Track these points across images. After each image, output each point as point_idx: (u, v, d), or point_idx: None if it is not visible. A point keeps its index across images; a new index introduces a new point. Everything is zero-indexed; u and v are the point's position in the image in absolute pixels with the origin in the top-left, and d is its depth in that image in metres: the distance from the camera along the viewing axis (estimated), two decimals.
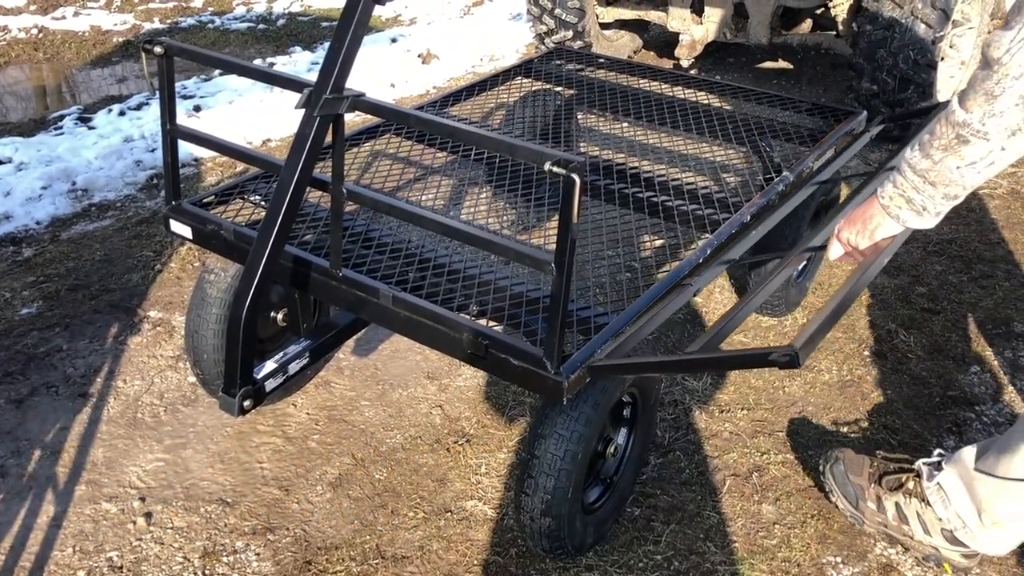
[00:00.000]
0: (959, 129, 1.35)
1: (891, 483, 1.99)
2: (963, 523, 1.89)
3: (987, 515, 1.87)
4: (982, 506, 1.86)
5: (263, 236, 1.70)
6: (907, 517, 1.96)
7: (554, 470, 1.70)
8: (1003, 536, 1.89)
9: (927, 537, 1.94)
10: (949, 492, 1.90)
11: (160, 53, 1.84)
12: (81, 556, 1.97)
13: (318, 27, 6.32)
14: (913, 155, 1.45)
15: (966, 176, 1.41)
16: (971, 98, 1.33)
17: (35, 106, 4.96)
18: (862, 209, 1.60)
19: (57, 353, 2.61)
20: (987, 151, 1.36)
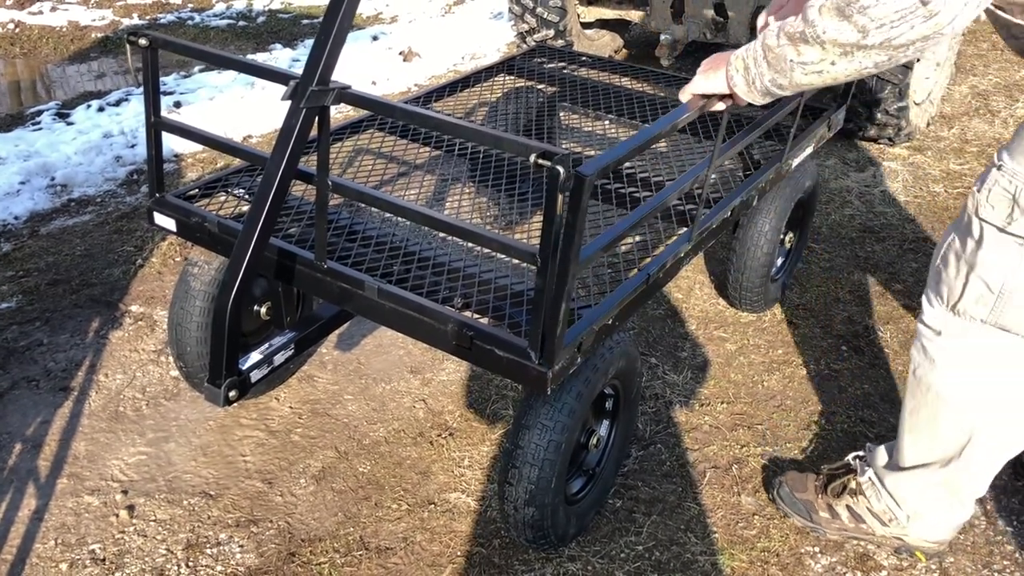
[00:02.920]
0: (806, 27, 1.38)
1: (836, 489, 2.01)
2: (894, 516, 1.94)
3: (904, 509, 1.92)
4: (900, 499, 1.92)
5: (249, 227, 1.70)
6: (861, 516, 1.98)
7: (538, 460, 1.72)
8: (931, 524, 1.93)
9: (887, 529, 1.97)
10: (878, 489, 1.95)
11: (145, 45, 1.84)
12: (63, 548, 1.96)
13: (298, 24, 6.31)
14: (772, 28, 1.48)
15: (795, 71, 1.44)
16: (828, 7, 1.35)
17: (11, 101, 4.92)
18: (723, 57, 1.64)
19: (38, 347, 2.59)
20: (819, 58, 1.39)
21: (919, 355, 1.78)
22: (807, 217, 2.92)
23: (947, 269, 1.65)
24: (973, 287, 1.60)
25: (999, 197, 1.52)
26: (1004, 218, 1.52)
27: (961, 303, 1.63)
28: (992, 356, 1.67)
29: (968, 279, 1.60)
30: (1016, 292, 1.56)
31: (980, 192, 1.55)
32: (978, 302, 1.61)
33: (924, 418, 1.81)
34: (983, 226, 1.55)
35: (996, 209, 1.53)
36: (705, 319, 2.85)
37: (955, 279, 1.63)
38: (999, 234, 1.53)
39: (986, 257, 1.56)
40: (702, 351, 2.70)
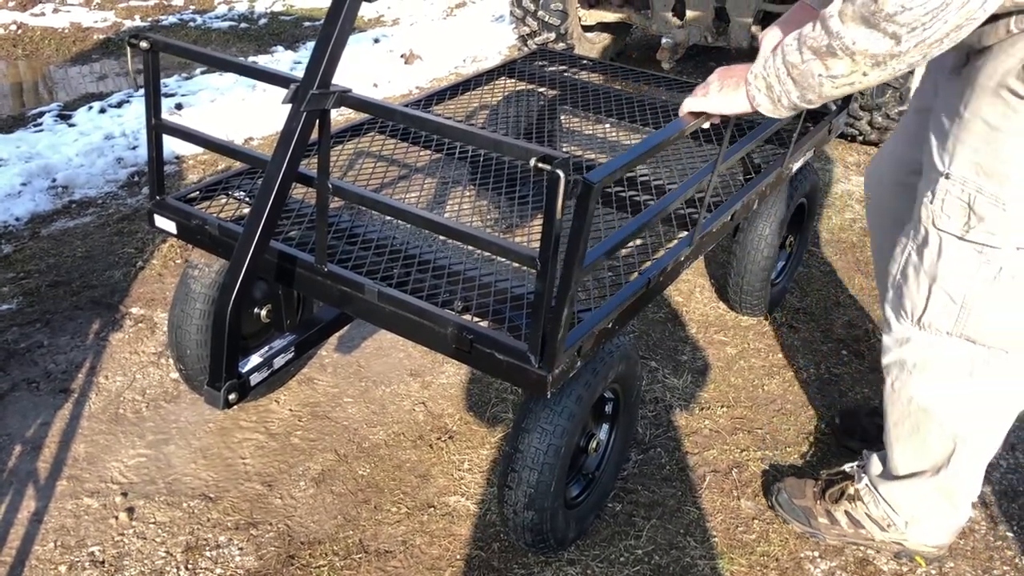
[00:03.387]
0: (831, 40, 1.33)
1: (834, 494, 2.01)
2: (892, 522, 1.93)
3: (901, 515, 1.92)
4: (896, 505, 1.92)
5: (249, 230, 1.71)
6: (859, 521, 1.98)
7: (537, 464, 1.72)
8: (929, 529, 1.93)
9: (886, 534, 1.97)
10: (876, 496, 1.95)
11: (146, 48, 1.84)
12: (63, 551, 1.96)
13: (300, 27, 6.32)
14: (790, 44, 1.42)
15: (824, 86, 1.40)
16: (850, 16, 1.30)
17: (13, 103, 4.92)
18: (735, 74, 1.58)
19: (38, 349, 2.59)
20: (850, 71, 1.35)
21: (895, 369, 1.77)
22: (807, 221, 2.92)
23: (907, 283, 1.64)
24: (936, 299, 1.59)
25: (953, 206, 1.51)
26: (961, 227, 1.51)
27: (925, 316, 1.63)
28: (963, 367, 1.66)
29: (931, 291, 1.59)
30: (977, 301, 1.55)
31: (933, 203, 1.54)
32: (942, 314, 1.60)
33: (907, 430, 1.81)
34: (941, 237, 1.55)
35: (952, 219, 1.52)
36: (705, 323, 2.85)
37: (917, 293, 1.62)
38: (958, 242, 1.53)
39: (946, 268, 1.56)
40: (702, 355, 2.70)
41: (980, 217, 1.49)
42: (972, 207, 1.49)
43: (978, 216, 1.49)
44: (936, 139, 1.57)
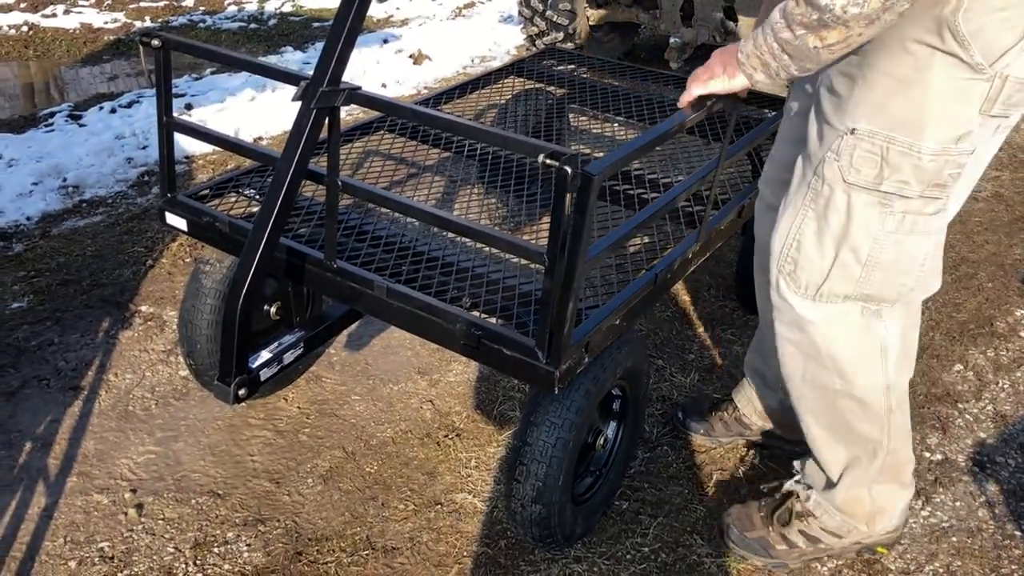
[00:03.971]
0: (821, 13, 1.33)
1: (783, 517, 1.95)
2: (851, 527, 1.89)
3: (859, 515, 1.88)
4: (851, 511, 1.88)
5: (259, 227, 1.72)
6: (817, 537, 1.93)
7: (545, 457, 1.72)
8: (888, 516, 1.91)
9: (846, 540, 1.93)
10: (828, 509, 1.90)
11: (157, 46, 1.85)
12: (72, 546, 1.98)
13: (309, 27, 6.34)
14: (778, 22, 1.42)
15: (822, 54, 1.40)
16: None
17: (25, 103, 4.96)
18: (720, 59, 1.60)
19: (48, 347, 2.61)
20: (845, 35, 1.36)
21: (797, 361, 1.72)
22: None
23: (805, 253, 1.61)
24: (841, 261, 1.57)
25: (864, 160, 1.50)
26: (873, 178, 1.51)
27: (826, 284, 1.60)
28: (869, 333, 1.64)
29: (837, 254, 1.57)
30: (881, 252, 1.55)
31: (840, 160, 1.52)
32: (843, 277, 1.58)
33: (832, 421, 1.77)
34: (850, 193, 1.53)
35: (863, 171, 1.51)
36: (713, 321, 2.85)
37: (820, 260, 1.59)
38: (867, 195, 1.52)
39: (856, 225, 1.54)
40: (710, 353, 2.70)
41: (894, 167, 1.48)
42: (885, 158, 1.48)
43: (892, 166, 1.48)
44: (830, 106, 1.55)
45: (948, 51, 1.39)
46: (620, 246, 1.68)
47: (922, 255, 1.59)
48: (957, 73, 1.41)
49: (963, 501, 2.19)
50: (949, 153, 1.47)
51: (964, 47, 1.38)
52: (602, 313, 1.72)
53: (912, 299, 1.66)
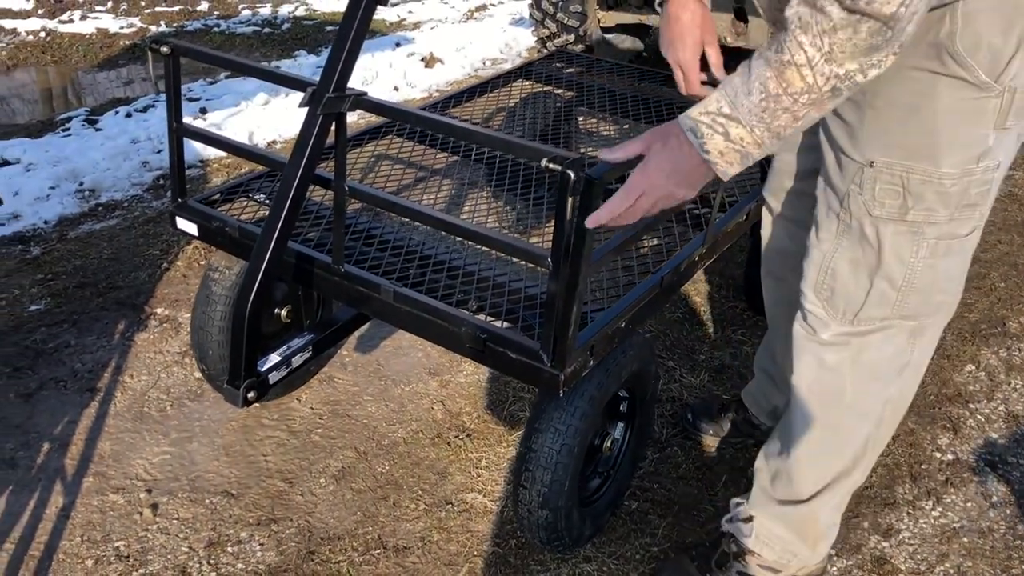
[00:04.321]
0: (838, 82, 1.19)
1: (720, 560, 1.90)
2: (794, 555, 1.85)
3: (810, 536, 1.84)
4: (803, 532, 1.83)
5: (267, 232, 1.74)
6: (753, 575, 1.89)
7: (550, 463, 1.74)
8: (828, 541, 1.88)
9: (783, 575, 1.89)
10: (769, 537, 1.85)
11: (167, 53, 1.88)
12: (89, 545, 2.01)
13: (322, 31, 6.38)
14: (765, 108, 1.23)
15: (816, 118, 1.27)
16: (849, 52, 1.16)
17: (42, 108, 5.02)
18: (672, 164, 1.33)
19: (65, 349, 2.65)
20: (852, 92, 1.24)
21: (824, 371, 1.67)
22: None
23: (839, 280, 1.58)
24: (877, 289, 1.54)
25: (886, 192, 1.46)
26: (898, 210, 1.47)
27: (863, 311, 1.58)
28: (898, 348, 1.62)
29: (872, 283, 1.54)
30: (915, 277, 1.52)
31: (863, 194, 1.49)
32: (880, 303, 1.56)
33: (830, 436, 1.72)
34: (879, 226, 1.50)
35: (887, 204, 1.47)
36: (723, 322, 2.86)
37: (856, 287, 1.56)
38: (897, 226, 1.48)
39: (888, 257, 1.51)
40: (720, 354, 2.71)
41: (917, 196, 1.45)
42: (907, 188, 1.45)
43: (915, 196, 1.45)
44: (842, 134, 1.51)
45: (951, 74, 1.35)
46: (624, 249, 1.69)
47: (958, 273, 1.57)
48: (964, 94, 1.37)
49: (974, 502, 2.19)
50: (972, 174, 1.43)
51: (967, 68, 1.34)
52: (607, 316, 1.74)
53: (949, 311, 1.63)
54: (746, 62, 1.27)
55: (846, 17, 1.14)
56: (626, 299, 1.80)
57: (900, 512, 2.16)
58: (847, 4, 1.13)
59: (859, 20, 1.14)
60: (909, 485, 2.24)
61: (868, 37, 1.15)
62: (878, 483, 2.23)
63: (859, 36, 1.15)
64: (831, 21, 1.15)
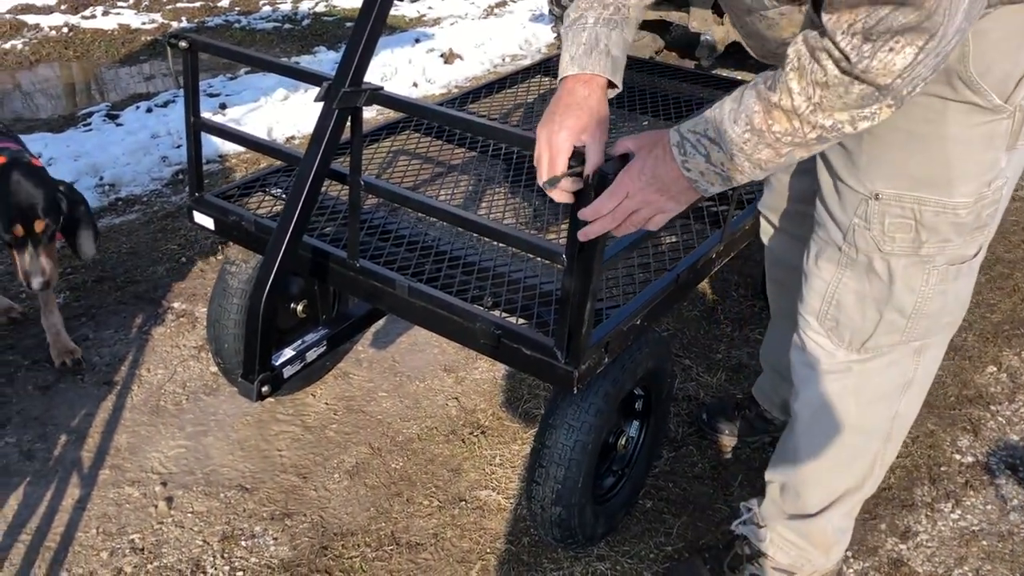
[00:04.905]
0: (824, 132, 1.18)
1: (733, 563, 1.88)
2: (808, 560, 1.83)
3: (822, 544, 1.82)
4: (814, 541, 1.81)
5: (282, 226, 1.74)
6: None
7: (564, 460, 1.73)
8: (842, 545, 1.86)
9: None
10: (783, 543, 1.83)
11: (185, 48, 1.88)
12: (104, 537, 2.02)
13: (342, 27, 6.38)
14: (747, 140, 1.22)
15: (803, 159, 1.26)
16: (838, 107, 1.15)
17: (64, 103, 5.05)
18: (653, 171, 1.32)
19: (83, 342, 2.66)
20: (840, 140, 1.23)
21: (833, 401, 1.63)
22: None
23: (845, 312, 1.52)
24: (887, 320, 1.49)
25: (897, 227, 1.40)
26: (911, 244, 1.41)
27: (871, 340, 1.53)
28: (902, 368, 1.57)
29: (882, 315, 1.49)
30: (926, 304, 1.47)
31: (871, 229, 1.42)
32: (890, 331, 1.51)
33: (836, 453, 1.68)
34: (890, 261, 1.44)
35: (899, 239, 1.41)
36: (741, 320, 2.83)
37: (863, 320, 1.51)
38: (910, 260, 1.43)
39: (899, 289, 1.46)
40: (737, 353, 2.69)
41: (931, 229, 1.39)
42: (919, 222, 1.38)
43: (928, 229, 1.39)
44: (840, 160, 1.44)
45: (962, 100, 1.30)
46: (639, 246, 1.67)
47: (966, 293, 1.53)
48: (975, 119, 1.31)
49: (994, 504, 2.16)
50: (984, 198, 1.37)
51: (979, 93, 1.28)
52: (622, 313, 1.72)
53: (954, 328, 1.59)
54: (742, 88, 1.26)
55: (839, 77, 1.12)
56: (642, 296, 1.79)
57: (918, 514, 2.13)
58: (843, 66, 1.10)
59: (852, 82, 1.12)
60: (928, 487, 2.21)
61: (859, 99, 1.13)
62: (896, 485, 2.21)
63: (850, 96, 1.13)
64: (825, 76, 1.13)
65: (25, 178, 2.26)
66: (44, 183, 2.29)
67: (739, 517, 1.93)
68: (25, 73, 5.51)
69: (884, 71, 1.08)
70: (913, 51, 1.07)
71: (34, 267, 2.28)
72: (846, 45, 1.09)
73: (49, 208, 2.28)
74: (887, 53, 1.07)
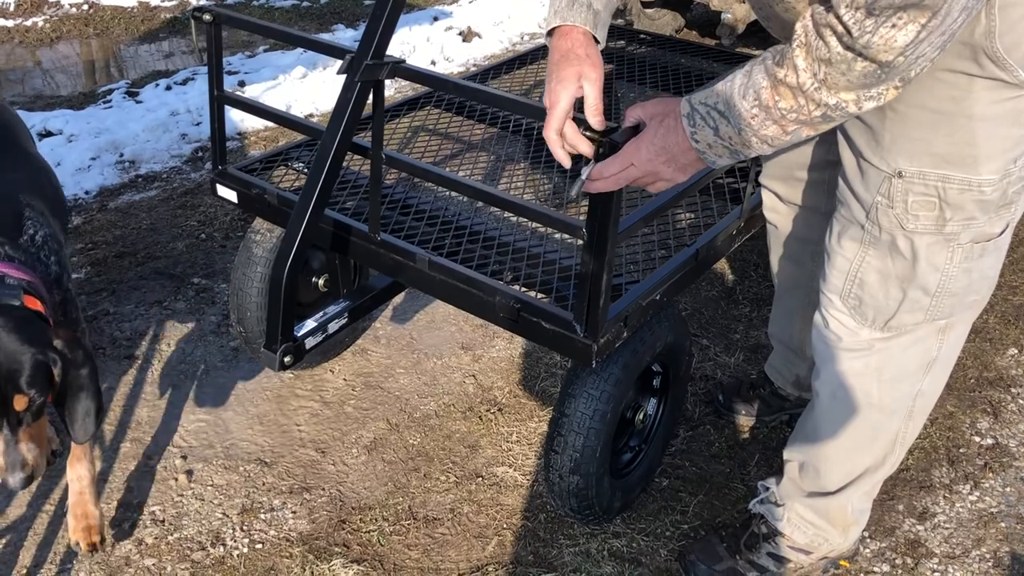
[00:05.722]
0: (828, 111, 1.18)
1: (749, 541, 1.87)
2: (824, 539, 1.83)
3: (840, 523, 1.81)
4: (833, 520, 1.81)
5: (304, 199, 1.74)
6: (785, 556, 1.86)
7: (583, 429, 1.73)
8: (860, 526, 1.85)
9: (813, 556, 1.86)
10: (800, 522, 1.83)
11: (209, 21, 1.88)
12: (125, 509, 2.04)
13: (360, 5, 6.36)
14: (755, 115, 1.22)
15: (810, 137, 1.27)
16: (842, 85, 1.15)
17: (85, 80, 5.06)
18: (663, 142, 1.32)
19: (104, 317, 2.68)
20: (845, 119, 1.24)
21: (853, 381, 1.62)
22: None
23: (868, 291, 1.51)
24: (911, 299, 1.48)
25: (920, 204, 1.39)
26: (935, 222, 1.39)
27: (895, 319, 1.52)
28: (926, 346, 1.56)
29: (906, 294, 1.48)
30: (950, 283, 1.45)
31: (895, 207, 1.41)
32: (914, 309, 1.49)
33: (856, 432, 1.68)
34: (913, 240, 1.42)
35: (922, 217, 1.40)
36: (759, 301, 2.82)
37: (886, 298, 1.50)
38: (934, 238, 1.41)
39: (923, 267, 1.44)
40: (755, 333, 2.68)
41: (956, 207, 1.37)
42: (944, 199, 1.37)
43: (953, 207, 1.37)
44: (862, 137, 1.43)
45: (988, 76, 1.27)
46: (654, 218, 1.66)
47: (993, 272, 1.51)
48: (1002, 95, 1.29)
49: (1013, 487, 2.15)
50: (1010, 175, 1.35)
51: (1006, 68, 1.26)
52: (641, 287, 1.72)
53: (980, 307, 1.57)
54: (752, 62, 1.25)
55: (842, 53, 1.11)
56: (660, 271, 1.79)
57: (936, 496, 2.12)
58: (846, 41, 1.10)
59: (854, 59, 1.11)
60: (946, 468, 2.20)
61: (862, 76, 1.12)
62: (915, 466, 2.20)
63: (852, 73, 1.12)
64: (828, 52, 1.12)
65: (5, 333, 1.48)
66: (32, 340, 1.50)
67: (756, 496, 1.93)
68: (46, 50, 5.53)
69: (885, 47, 1.08)
70: (915, 28, 1.06)
71: (11, 458, 1.51)
72: (849, 19, 1.08)
73: (35, 377, 1.49)
74: (889, 29, 1.06)
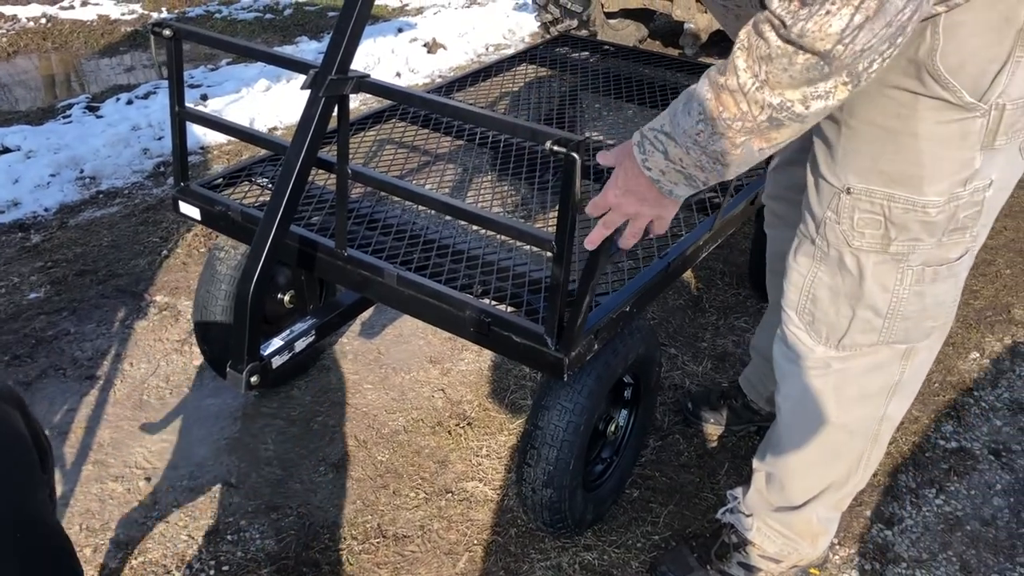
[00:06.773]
0: (774, 112, 1.14)
1: (720, 551, 1.87)
2: (793, 550, 1.83)
3: (807, 534, 1.82)
4: (799, 532, 1.81)
5: (269, 215, 1.72)
6: (755, 566, 1.86)
7: (556, 441, 1.72)
8: (828, 536, 1.86)
9: (784, 564, 1.86)
10: (769, 532, 1.83)
11: (169, 36, 1.86)
12: (88, 534, 2.00)
13: (324, 17, 6.34)
14: (701, 131, 1.19)
15: (765, 154, 1.21)
16: (785, 83, 1.11)
17: (44, 95, 4.99)
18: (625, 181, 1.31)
19: (65, 336, 2.63)
20: (799, 130, 1.18)
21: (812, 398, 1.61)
22: None
23: (821, 308, 1.51)
24: (861, 318, 1.47)
25: (866, 222, 1.38)
26: (880, 240, 1.38)
27: (847, 337, 1.51)
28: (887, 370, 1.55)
29: (855, 312, 1.47)
30: (901, 305, 1.44)
31: (841, 223, 1.40)
32: (866, 330, 1.48)
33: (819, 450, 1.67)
34: (859, 257, 1.42)
35: (867, 235, 1.39)
36: (725, 309, 2.84)
37: (837, 316, 1.49)
38: (879, 257, 1.40)
39: (871, 286, 1.43)
40: (723, 341, 2.69)
41: (900, 227, 1.35)
42: (888, 218, 1.35)
43: (898, 226, 1.35)
44: (821, 153, 1.43)
45: (932, 95, 1.26)
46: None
47: (950, 298, 1.48)
48: (947, 116, 1.26)
49: (978, 490, 2.18)
50: (959, 198, 1.32)
51: (949, 89, 1.24)
52: (614, 301, 1.72)
53: (943, 334, 1.56)
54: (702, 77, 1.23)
55: (782, 47, 1.09)
56: (633, 283, 1.79)
57: (903, 500, 2.14)
58: (782, 33, 1.08)
59: (795, 52, 1.09)
60: (912, 473, 2.22)
61: (804, 71, 1.10)
62: (880, 471, 2.22)
63: (794, 68, 1.10)
64: (768, 48, 1.10)
65: None
66: None
67: (726, 505, 1.93)
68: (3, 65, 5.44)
69: (821, 34, 1.06)
70: (849, 11, 1.04)
71: None
72: (783, 11, 1.07)
73: None
74: (823, 16, 1.05)
